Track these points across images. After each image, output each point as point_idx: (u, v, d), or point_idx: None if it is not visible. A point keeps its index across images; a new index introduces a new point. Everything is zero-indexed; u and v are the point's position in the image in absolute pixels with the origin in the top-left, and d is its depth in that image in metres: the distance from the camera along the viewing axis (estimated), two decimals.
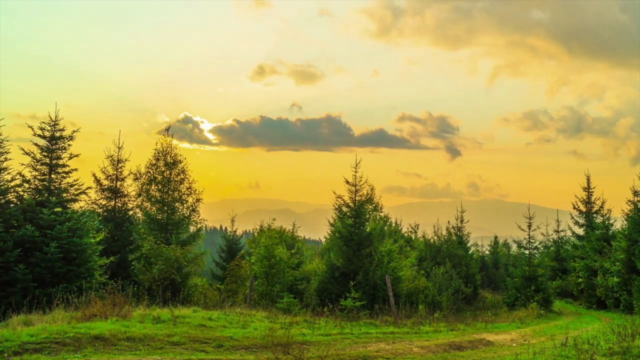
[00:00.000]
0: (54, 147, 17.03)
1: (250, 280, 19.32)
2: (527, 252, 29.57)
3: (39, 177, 16.80)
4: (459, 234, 35.85)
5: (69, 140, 17.25)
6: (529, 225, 29.48)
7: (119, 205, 21.11)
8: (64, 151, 17.17)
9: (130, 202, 21.50)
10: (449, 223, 36.45)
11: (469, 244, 37.92)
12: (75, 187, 17.35)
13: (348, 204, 23.32)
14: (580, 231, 35.37)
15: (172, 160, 23.44)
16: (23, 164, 16.58)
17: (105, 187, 21.07)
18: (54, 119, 17.10)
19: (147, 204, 22.80)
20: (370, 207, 31.85)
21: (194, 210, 23.44)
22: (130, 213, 21.37)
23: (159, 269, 18.33)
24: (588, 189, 35.82)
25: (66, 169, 17.18)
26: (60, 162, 17.11)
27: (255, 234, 32.74)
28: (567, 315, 24.89)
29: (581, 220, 35.59)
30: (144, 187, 22.75)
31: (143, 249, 20.08)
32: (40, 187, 16.67)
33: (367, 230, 23.25)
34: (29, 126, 16.92)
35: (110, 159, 21.26)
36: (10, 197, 16.24)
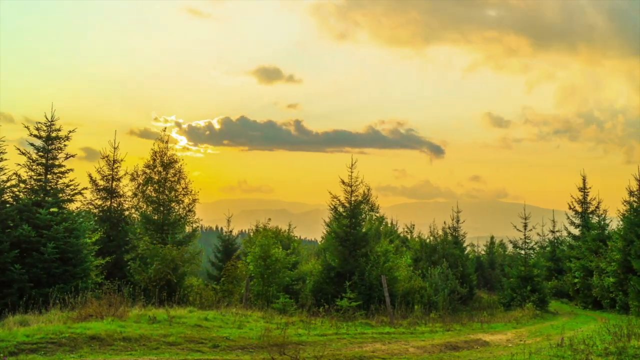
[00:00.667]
0: (50, 148, 17.02)
1: (246, 281, 19.31)
2: (523, 253, 29.60)
3: (35, 178, 16.79)
4: (454, 234, 35.98)
5: (64, 141, 17.28)
6: (525, 226, 29.53)
7: (115, 205, 21.11)
8: (59, 151, 17.18)
9: (126, 202, 21.51)
10: (444, 223, 36.60)
11: (465, 244, 38.05)
12: (71, 188, 17.36)
13: (344, 204, 23.35)
14: (576, 231, 35.43)
15: (169, 161, 23.42)
16: (19, 164, 16.59)
17: (101, 188, 21.06)
18: (50, 119, 17.09)
19: (143, 205, 22.78)
20: (367, 208, 31.85)
21: (190, 211, 23.43)
22: (126, 213, 21.37)
23: (155, 269, 18.31)
24: (584, 189, 35.93)
25: (62, 169, 17.19)
26: (56, 163, 17.11)
27: (251, 234, 32.75)
28: (563, 315, 24.93)
29: (577, 221, 35.66)
30: (140, 188, 22.73)
31: (139, 249, 20.09)
32: (36, 188, 16.66)
33: (363, 231, 23.27)
34: (25, 126, 16.93)
35: (106, 159, 21.26)
36: (7, 197, 16.23)
